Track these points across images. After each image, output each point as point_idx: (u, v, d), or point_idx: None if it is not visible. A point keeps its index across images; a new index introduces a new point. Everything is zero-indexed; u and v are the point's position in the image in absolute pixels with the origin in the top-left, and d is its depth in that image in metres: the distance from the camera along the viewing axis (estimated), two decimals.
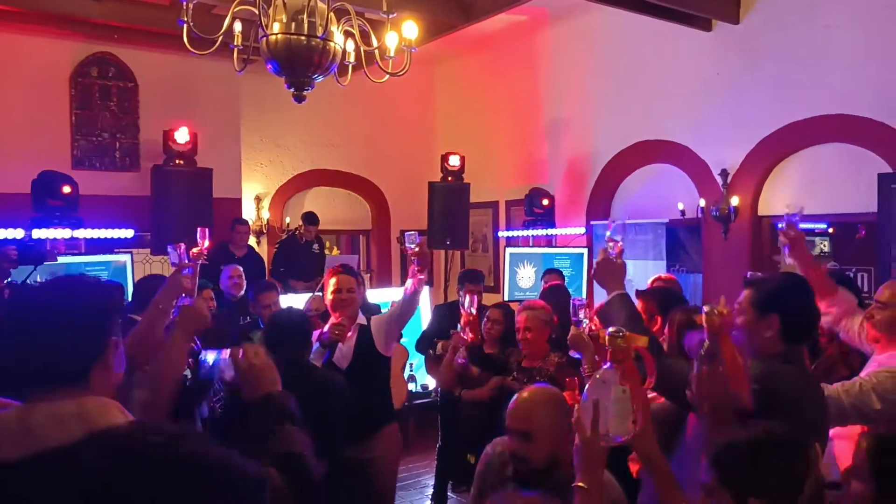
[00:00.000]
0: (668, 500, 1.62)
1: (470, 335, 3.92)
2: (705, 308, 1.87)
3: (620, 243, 2.41)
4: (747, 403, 1.76)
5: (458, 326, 4.04)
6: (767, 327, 2.05)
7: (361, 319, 3.76)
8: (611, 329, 1.72)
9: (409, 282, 3.62)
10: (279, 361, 2.04)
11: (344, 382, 3.11)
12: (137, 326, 2.41)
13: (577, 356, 3.17)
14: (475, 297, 4.01)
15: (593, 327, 3.44)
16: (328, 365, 3.57)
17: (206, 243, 3.80)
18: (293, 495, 1.56)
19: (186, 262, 2.54)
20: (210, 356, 2.19)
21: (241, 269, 5.82)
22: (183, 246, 2.49)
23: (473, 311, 3.91)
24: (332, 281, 3.69)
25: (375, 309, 5.06)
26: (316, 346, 3.50)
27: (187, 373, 3.56)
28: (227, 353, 2.11)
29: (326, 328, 3.59)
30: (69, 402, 1.30)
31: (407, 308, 3.70)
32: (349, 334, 3.63)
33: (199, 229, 3.75)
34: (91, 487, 1.20)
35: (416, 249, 3.57)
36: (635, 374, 1.66)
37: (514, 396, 2.27)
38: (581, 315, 3.05)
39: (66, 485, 1.17)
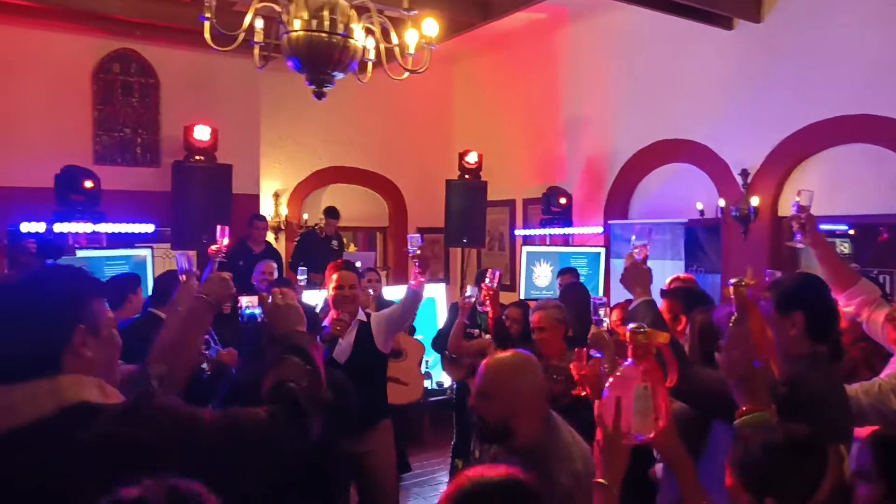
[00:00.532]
0: (691, 500, 1.61)
1: (490, 310, 3.97)
2: (732, 280, 1.88)
3: (647, 248, 2.41)
4: (774, 373, 1.75)
5: (470, 289, 4.07)
6: (791, 325, 2.07)
7: (362, 316, 3.84)
8: (632, 325, 1.71)
9: (412, 282, 3.73)
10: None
11: (345, 379, 3.06)
12: (162, 331, 2.43)
13: (597, 355, 3.15)
14: (496, 272, 4.04)
15: (612, 326, 3.45)
16: (327, 360, 3.60)
17: (226, 241, 3.83)
18: (285, 424, 1.56)
19: (194, 270, 2.55)
20: (245, 300, 2.31)
21: (274, 265, 5.85)
22: (192, 254, 2.51)
23: (494, 285, 3.94)
24: (334, 277, 3.75)
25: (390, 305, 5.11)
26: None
27: (204, 365, 3.60)
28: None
29: (326, 322, 3.64)
30: (45, 381, 1.38)
31: (408, 308, 3.84)
32: (350, 330, 3.70)
33: (218, 227, 3.77)
34: (56, 459, 1.31)
35: (419, 252, 3.65)
36: (657, 371, 1.63)
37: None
38: (601, 314, 3.03)
39: (37, 456, 1.31)
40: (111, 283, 4.15)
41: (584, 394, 3.27)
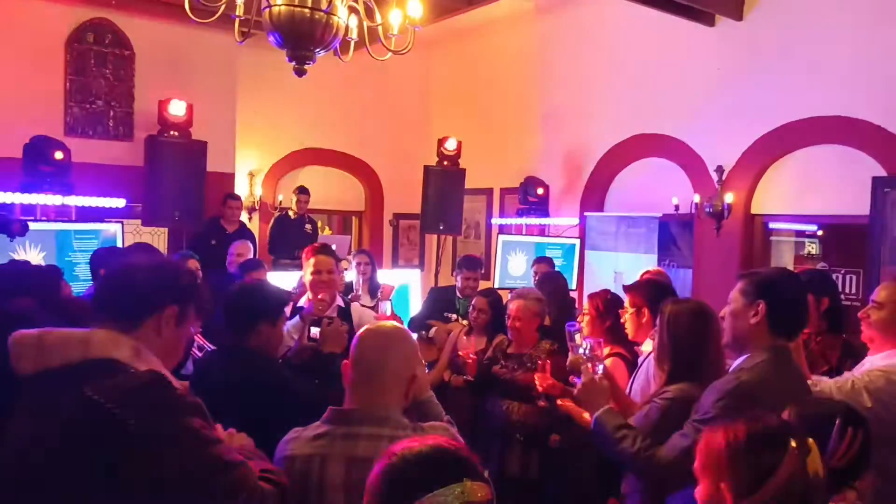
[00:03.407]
0: None
1: (469, 377, 3.98)
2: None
3: (601, 365, 2.47)
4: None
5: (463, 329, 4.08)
6: (754, 313, 2.10)
7: (340, 301, 3.74)
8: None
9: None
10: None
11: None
12: None
13: (578, 381, 3.12)
14: (473, 338, 4.03)
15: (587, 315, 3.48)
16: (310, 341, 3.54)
17: None
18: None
19: None
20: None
21: (249, 245, 5.78)
22: None
23: (473, 355, 3.93)
24: (311, 261, 3.65)
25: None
26: (295, 319, 3.47)
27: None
28: None
29: (304, 302, 3.59)
30: (81, 330, 1.51)
31: None
32: (329, 314, 3.58)
33: None
34: (67, 412, 1.40)
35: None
36: None
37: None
38: (577, 339, 2.93)
39: (58, 403, 1.42)
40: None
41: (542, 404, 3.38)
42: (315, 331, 3.13)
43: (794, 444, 1.42)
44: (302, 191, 7.85)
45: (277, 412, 2.24)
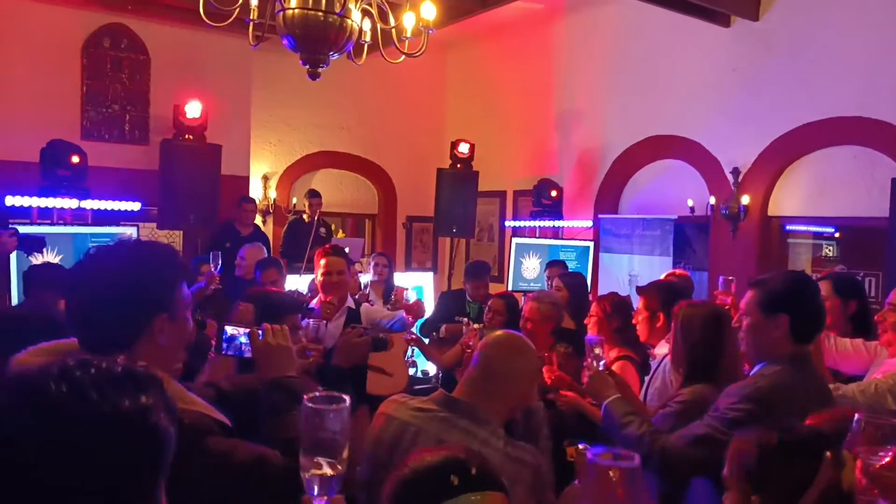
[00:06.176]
0: None
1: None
2: (581, 446, 2.03)
3: (603, 360, 2.56)
4: None
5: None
6: (776, 328, 2.06)
7: (351, 303, 3.84)
8: (580, 446, 1.98)
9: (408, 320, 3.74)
10: None
11: None
12: None
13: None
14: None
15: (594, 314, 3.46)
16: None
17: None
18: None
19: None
20: (230, 330, 2.11)
21: (262, 247, 5.80)
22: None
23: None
24: (322, 262, 3.72)
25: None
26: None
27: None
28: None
29: (314, 304, 3.67)
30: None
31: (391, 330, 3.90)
32: (337, 315, 3.70)
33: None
34: None
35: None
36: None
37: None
38: (598, 352, 2.79)
39: None
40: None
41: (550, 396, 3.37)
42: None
43: (829, 455, 1.37)
44: (313, 194, 7.82)
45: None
